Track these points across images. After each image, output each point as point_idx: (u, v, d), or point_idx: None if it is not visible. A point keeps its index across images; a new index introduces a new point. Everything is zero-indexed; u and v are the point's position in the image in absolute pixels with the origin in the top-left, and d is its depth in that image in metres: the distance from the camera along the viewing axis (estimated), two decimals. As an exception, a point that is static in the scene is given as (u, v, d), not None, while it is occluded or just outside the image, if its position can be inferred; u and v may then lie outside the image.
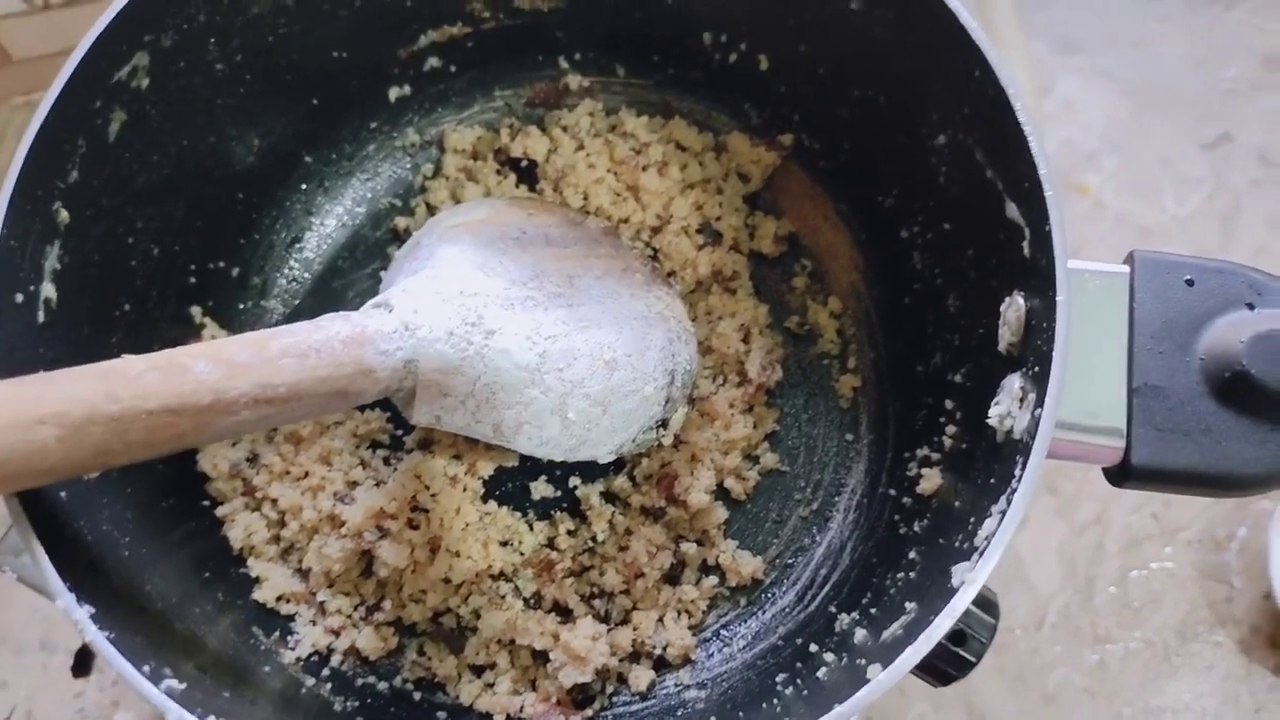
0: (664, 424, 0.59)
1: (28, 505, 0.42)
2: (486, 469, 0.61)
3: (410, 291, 0.50)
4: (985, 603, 0.53)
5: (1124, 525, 0.80)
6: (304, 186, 0.68)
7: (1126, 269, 0.47)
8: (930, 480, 0.56)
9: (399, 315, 0.48)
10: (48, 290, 0.49)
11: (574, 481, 0.62)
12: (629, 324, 0.56)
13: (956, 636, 0.51)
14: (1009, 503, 0.42)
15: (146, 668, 0.40)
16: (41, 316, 0.48)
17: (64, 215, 0.50)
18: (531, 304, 0.53)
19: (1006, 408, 0.47)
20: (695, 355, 0.61)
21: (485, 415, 0.52)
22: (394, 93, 0.68)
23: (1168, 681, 0.75)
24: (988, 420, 0.48)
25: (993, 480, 0.46)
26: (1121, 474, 0.45)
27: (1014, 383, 0.47)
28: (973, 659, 0.51)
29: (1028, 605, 0.78)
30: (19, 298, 0.47)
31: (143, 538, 0.51)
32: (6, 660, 0.77)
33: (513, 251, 0.56)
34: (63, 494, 0.45)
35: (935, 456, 0.57)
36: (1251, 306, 0.46)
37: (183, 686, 0.41)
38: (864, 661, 0.45)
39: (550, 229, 0.59)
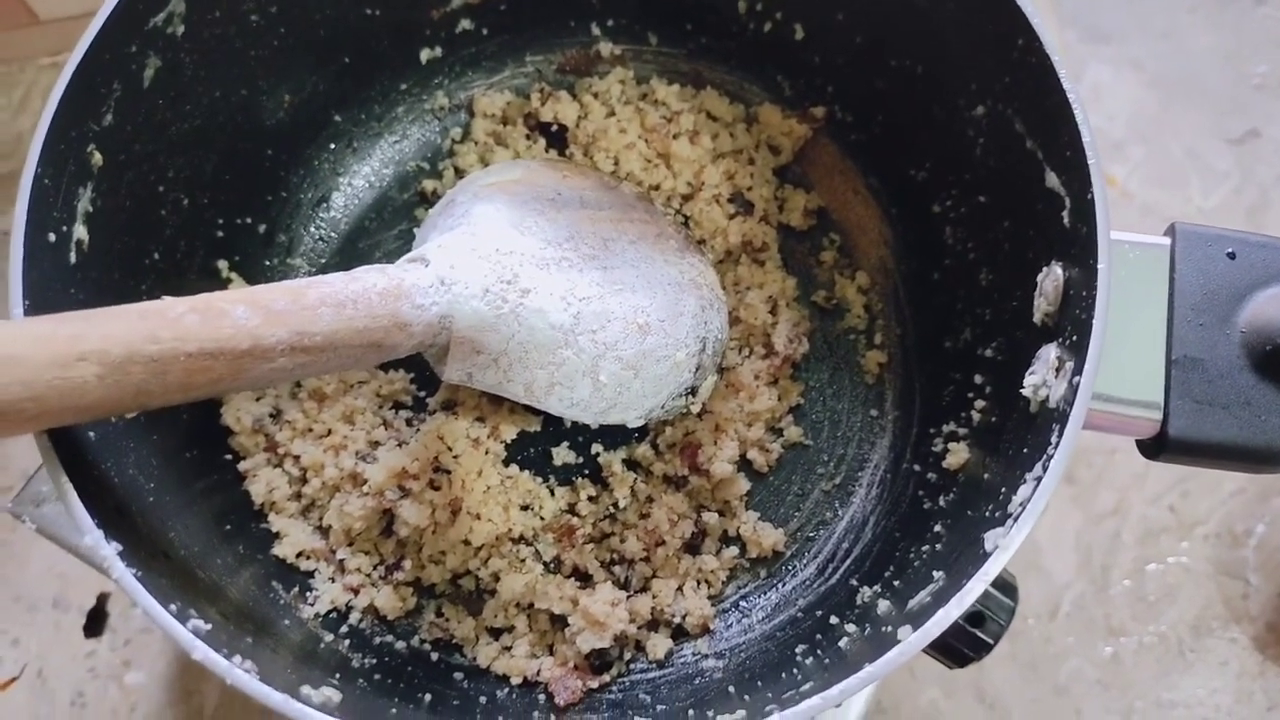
0: (693, 391, 0.58)
1: (58, 444, 0.41)
2: (509, 433, 0.61)
3: (446, 247, 0.50)
4: (1005, 585, 0.53)
5: (1141, 516, 0.79)
6: (332, 146, 0.68)
7: (1168, 240, 0.47)
8: (957, 455, 0.55)
9: (435, 270, 0.48)
10: (80, 232, 0.49)
11: (596, 448, 0.62)
12: (663, 289, 0.56)
13: (975, 618, 0.51)
14: (1045, 469, 0.42)
15: (173, 607, 0.40)
16: (73, 257, 0.48)
17: (98, 158, 0.50)
18: (566, 265, 0.53)
19: (1042, 377, 0.46)
20: (726, 324, 0.60)
21: (517, 374, 0.52)
22: (425, 54, 0.68)
23: (1181, 676, 0.75)
24: (1021, 390, 0.47)
25: (1025, 450, 0.46)
26: (1157, 446, 0.45)
27: (1050, 352, 0.47)
28: (990, 640, 0.51)
29: (1042, 594, 0.77)
30: (51, 236, 0.47)
31: (167, 486, 0.51)
32: (20, 617, 0.77)
33: (548, 212, 0.55)
34: (91, 434, 0.45)
35: (962, 431, 0.56)
36: (1295, 281, 0.45)
37: (209, 627, 0.40)
38: (890, 629, 0.45)
39: (585, 191, 0.59)
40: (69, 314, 0.39)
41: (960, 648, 0.51)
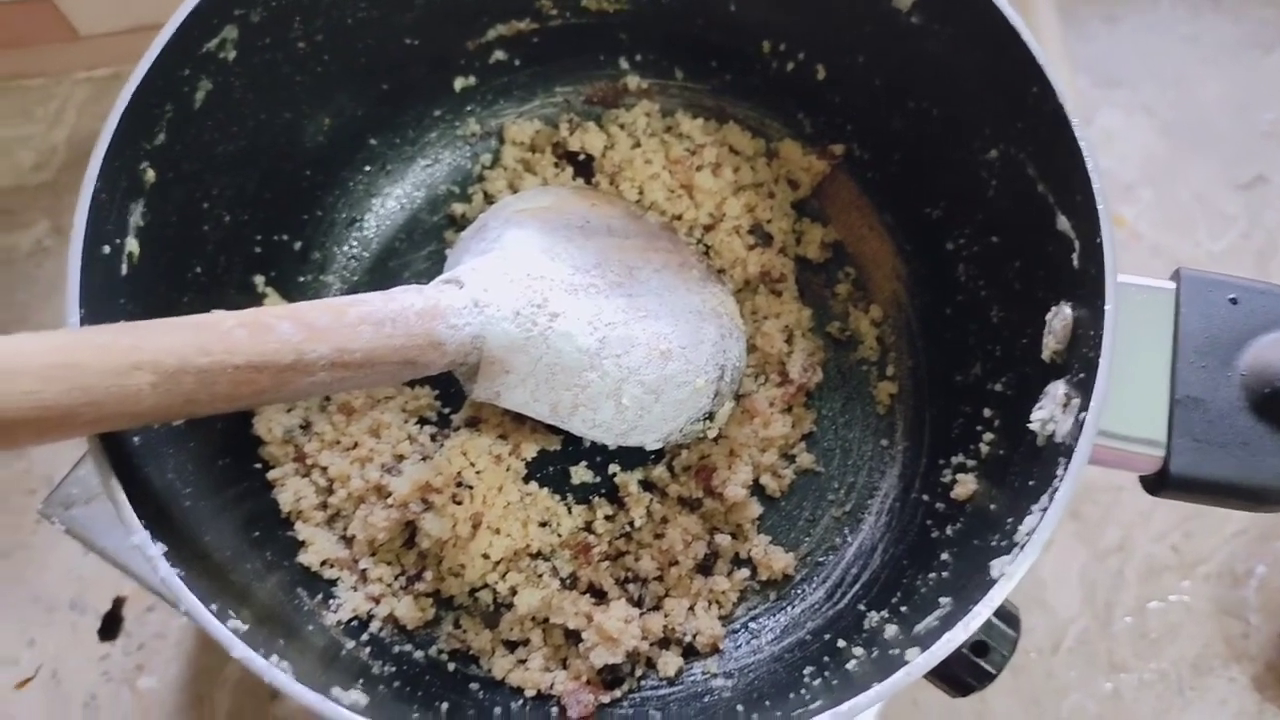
0: (711, 416, 0.60)
1: (108, 447, 0.43)
2: (530, 450, 0.63)
3: (480, 270, 0.52)
4: (1008, 616, 0.54)
5: (1145, 554, 0.80)
6: (367, 168, 0.70)
7: (1173, 285, 0.49)
8: (965, 486, 0.57)
9: (469, 292, 0.50)
10: (131, 244, 0.51)
11: (613, 468, 0.64)
12: (685, 317, 0.58)
13: (978, 647, 0.53)
14: (1051, 500, 0.44)
15: (214, 606, 0.42)
16: (124, 269, 0.50)
17: (150, 175, 0.52)
18: (594, 291, 0.55)
19: (1050, 412, 0.48)
20: (744, 352, 0.62)
21: (543, 394, 0.53)
22: (459, 83, 0.70)
23: (1180, 715, 0.76)
24: (1029, 424, 0.49)
25: (1032, 482, 0.47)
26: (1159, 482, 0.47)
27: (1058, 389, 0.49)
28: (993, 670, 0.52)
29: (1046, 628, 0.78)
30: (106, 249, 0.49)
31: (202, 492, 0.53)
32: (37, 618, 0.78)
33: (577, 239, 0.58)
34: (136, 439, 0.47)
35: (971, 463, 0.58)
36: (1294, 327, 0.47)
37: (246, 628, 0.42)
38: (897, 651, 0.47)
39: (612, 220, 0.61)
40: (126, 324, 0.41)
41: (964, 676, 0.52)
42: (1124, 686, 0.76)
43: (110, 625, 0.79)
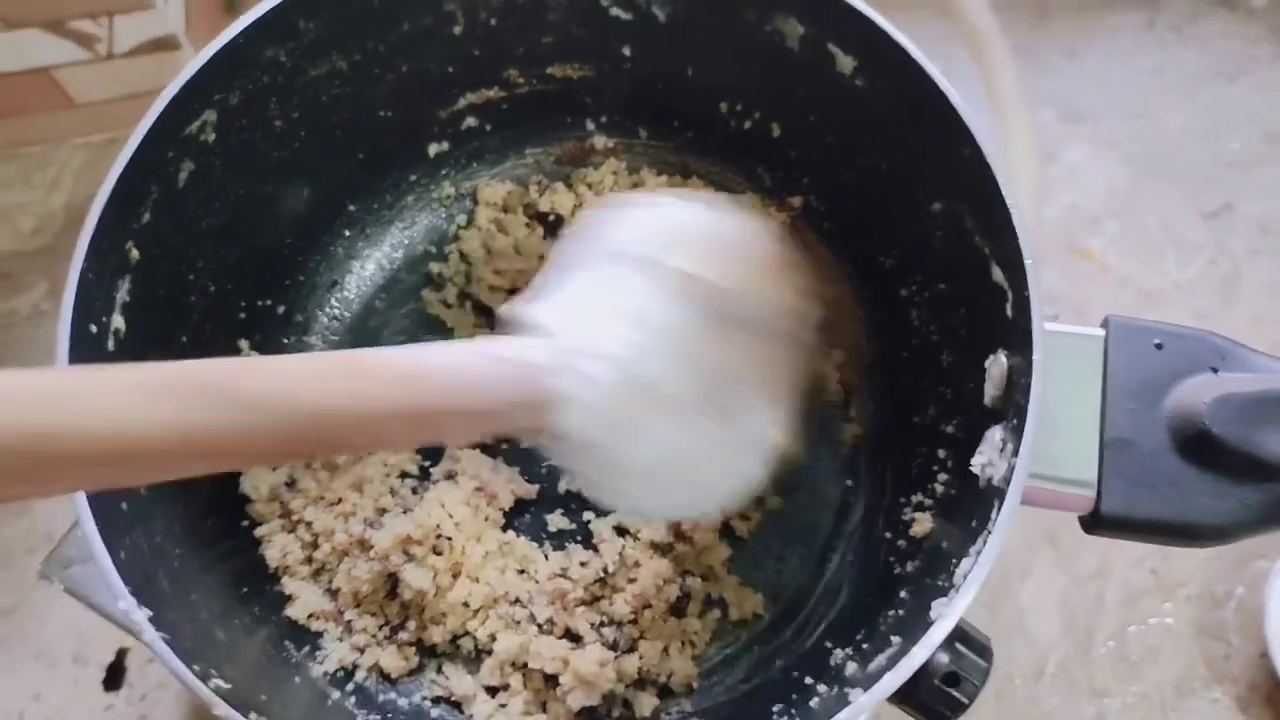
0: None
1: (96, 512, 0.46)
2: (507, 500, 0.66)
3: (585, 349, 0.44)
4: (980, 647, 0.55)
5: (1124, 579, 0.81)
6: (347, 233, 0.73)
7: (1102, 332, 0.51)
8: (922, 524, 0.59)
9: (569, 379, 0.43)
10: (117, 321, 0.54)
11: (588, 515, 0.66)
12: None
13: (950, 678, 0.54)
14: (984, 543, 0.46)
15: (196, 668, 0.44)
16: (111, 345, 0.53)
17: (135, 253, 0.55)
18: (687, 422, 0.46)
19: (989, 457, 0.51)
20: None
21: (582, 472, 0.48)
22: (433, 149, 0.74)
23: None
24: (970, 468, 0.52)
25: (973, 523, 0.50)
26: (1093, 522, 0.49)
27: (996, 434, 0.51)
28: (965, 700, 0.54)
29: (1027, 655, 0.79)
30: (93, 327, 0.52)
31: (190, 551, 0.55)
32: (41, 673, 0.80)
33: (711, 336, 0.46)
34: (124, 505, 0.50)
35: (928, 502, 0.60)
36: (1215, 370, 0.49)
37: (229, 686, 0.45)
38: (850, 689, 0.49)
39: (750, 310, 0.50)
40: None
41: (938, 707, 0.53)
42: (1107, 711, 0.77)
43: (114, 675, 0.81)
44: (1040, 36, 1.04)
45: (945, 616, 0.44)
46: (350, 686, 0.61)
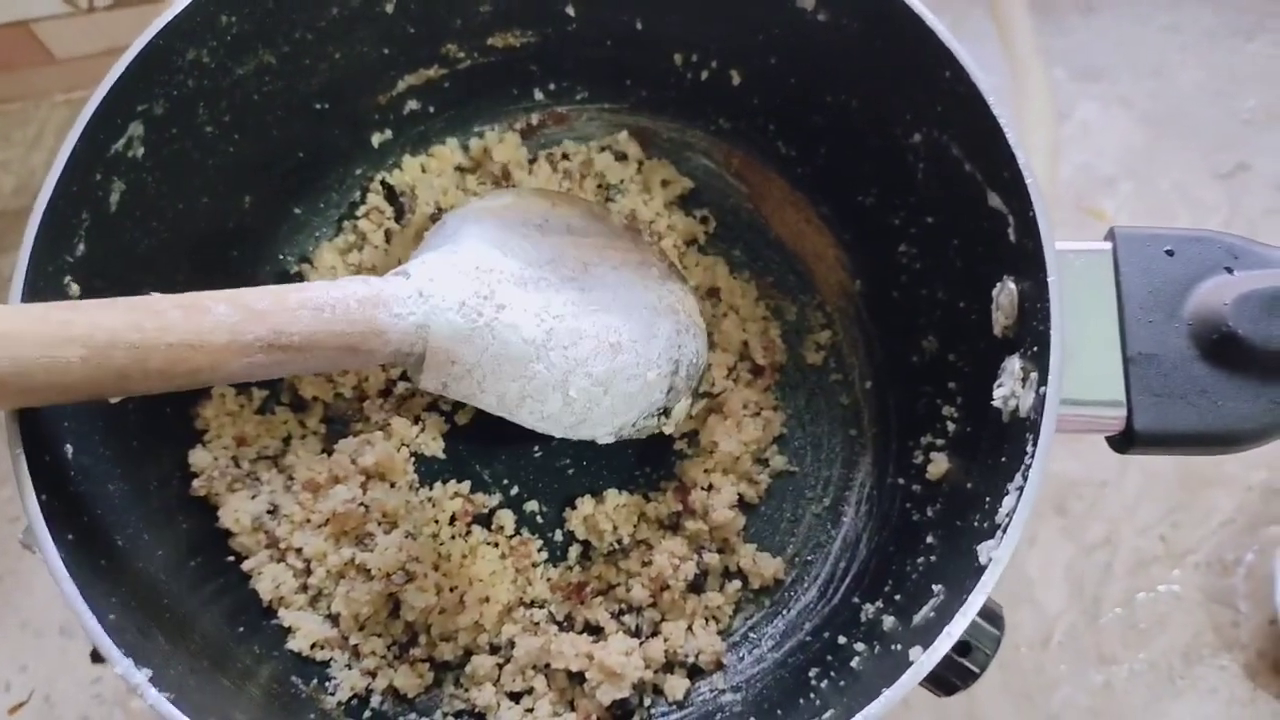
0: (666, 412, 0.59)
1: (76, 577, 0.42)
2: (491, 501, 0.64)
3: (428, 263, 0.52)
4: (992, 615, 0.54)
5: (1133, 547, 0.79)
6: (296, 238, 0.69)
7: (1109, 245, 0.50)
8: (938, 465, 0.58)
9: (415, 282, 0.50)
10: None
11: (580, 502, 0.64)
12: (638, 312, 0.58)
13: (961, 647, 0.52)
14: (1025, 478, 0.44)
15: (209, 722, 0.41)
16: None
17: (75, 289, 0.51)
18: (544, 284, 0.55)
19: (1010, 389, 0.49)
20: (703, 350, 0.62)
21: (490, 386, 0.53)
22: (376, 138, 0.69)
23: (1172, 704, 0.75)
24: (992, 402, 0.50)
25: (1004, 459, 0.48)
26: (1126, 441, 0.47)
27: (1014, 364, 0.49)
28: (976, 670, 0.52)
29: (1034, 623, 0.77)
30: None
31: (178, 598, 0.52)
32: (27, 644, 0.77)
33: (533, 236, 0.57)
34: (103, 562, 0.46)
35: (939, 442, 0.59)
36: (1230, 270, 0.48)
37: (244, 737, 0.41)
38: (899, 646, 0.47)
39: (572, 219, 0.61)
40: (60, 302, 0.43)
41: (948, 676, 0.51)
42: (1115, 678, 0.76)
43: (101, 649, 0.78)
44: (1056, -7, 1.00)
45: (997, 560, 0.43)
46: (367, 714, 0.58)
